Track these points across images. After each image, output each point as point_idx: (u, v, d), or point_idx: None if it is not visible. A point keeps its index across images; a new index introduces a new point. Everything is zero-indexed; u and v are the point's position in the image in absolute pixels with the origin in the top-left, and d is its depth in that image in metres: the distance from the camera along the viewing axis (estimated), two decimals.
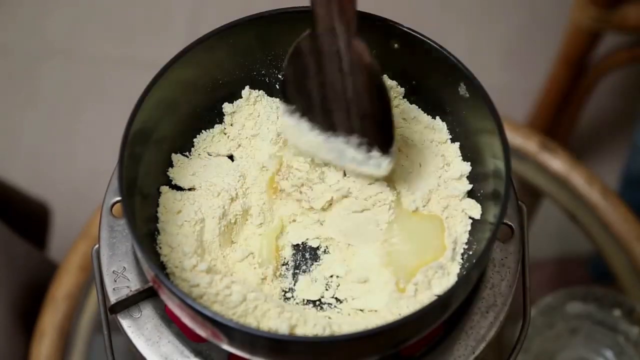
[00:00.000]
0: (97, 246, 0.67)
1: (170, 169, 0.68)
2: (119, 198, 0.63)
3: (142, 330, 0.65)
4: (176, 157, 0.69)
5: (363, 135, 0.63)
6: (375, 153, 0.64)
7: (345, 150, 0.64)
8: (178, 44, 0.80)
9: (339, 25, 0.60)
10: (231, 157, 0.70)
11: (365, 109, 0.63)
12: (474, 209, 0.65)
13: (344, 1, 0.59)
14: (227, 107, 0.70)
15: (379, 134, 0.63)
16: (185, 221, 0.65)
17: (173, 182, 0.68)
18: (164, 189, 0.67)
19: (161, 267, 0.63)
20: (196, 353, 0.65)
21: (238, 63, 0.70)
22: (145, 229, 0.64)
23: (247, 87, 0.70)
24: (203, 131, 0.70)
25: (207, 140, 0.70)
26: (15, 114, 1.68)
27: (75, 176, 1.62)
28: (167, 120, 0.67)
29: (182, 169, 0.68)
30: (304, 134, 0.65)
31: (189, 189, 0.68)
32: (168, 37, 1.74)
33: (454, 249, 0.64)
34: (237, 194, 0.67)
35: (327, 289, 0.65)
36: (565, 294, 0.96)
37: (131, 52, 1.74)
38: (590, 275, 1.23)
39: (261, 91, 0.71)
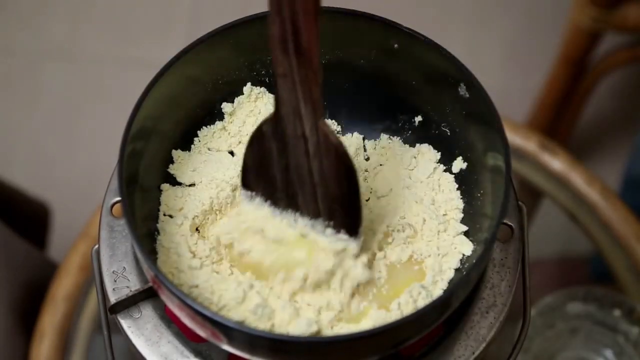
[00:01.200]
0: (97, 246, 0.67)
1: (170, 165, 0.68)
2: (119, 198, 0.64)
3: (142, 330, 0.65)
4: (176, 154, 0.69)
5: (330, 219, 0.61)
6: (343, 235, 0.61)
7: (309, 232, 0.62)
8: (178, 44, 0.80)
9: (305, 107, 0.57)
10: (232, 153, 0.70)
11: (333, 191, 0.60)
12: (466, 246, 0.65)
13: (311, 84, 0.57)
14: (226, 106, 0.70)
15: (347, 216, 0.61)
16: (185, 219, 0.65)
17: (174, 179, 0.68)
18: (165, 186, 0.67)
19: (161, 267, 0.63)
20: (196, 353, 0.65)
21: (239, 62, 0.70)
22: (145, 229, 0.64)
23: (248, 84, 0.70)
24: (204, 127, 0.70)
25: (208, 137, 0.70)
26: (15, 114, 1.68)
27: (75, 176, 1.62)
28: (168, 117, 0.67)
29: (183, 165, 0.68)
30: (267, 219, 0.62)
31: (190, 185, 0.68)
32: (168, 38, 1.74)
33: (433, 277, 0.64)
34: (237, 184, 0.67)
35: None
36: (565, 294, 0.96)
37: (131, 52, 1.74)
38: (590, 275, 1.23)
39: (262, 88, 0.71)
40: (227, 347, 0.60)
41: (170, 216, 0.66)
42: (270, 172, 0.61)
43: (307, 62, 0.56)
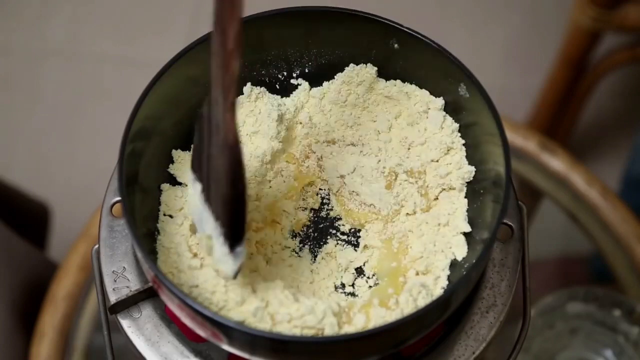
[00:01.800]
0: (97, 246, 0.67)
1: (170, 165, 0.68)
2: (119, 198, 0.63)
3: (142, 330, 0.65)
4: (176, 153, 0.69)
5: (222, 225, 0.57)
6: (225, 248, 0.58)
7: (213, 235, 0.59)
8: (178, 44, 0.80)
9: (218, 93, 0.55)
10: None
11: (224, 194, 0.56)
12: (461, 249, 0.65)
13: (223, 68, 0.54)
14: None
15: (231, 226, 0.57)
16: (185, 219, 0.65)
17: (174, 179, 0.68)
18: (165, 186, 0.67)
19: (161, 267, 0.63)
20: (196, 353, 0.65)
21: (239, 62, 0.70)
22: (145, 229, 0.64)
23: (248, 84, 0.71)
24: None
25: None
26: (15, 114, 1.68)
27: (75, 176, 1.62)
28: (168, 117, 0.67)
29: (183, 164, 0.68)
30: (195, 200, 0.60)
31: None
32: (168, 37, 1.74)
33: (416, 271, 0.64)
34: None
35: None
36: (565, 294, 0.96)
37: (131, 52, 1.74)
38: (590, 275, 1.23)
39: (262, 88, 0.71)
40: (227, 347, 0.60)
41: (170, 216, 0.66)
42: (201, 157, 0.59)
43: (224, 42, 0.54)
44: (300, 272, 0.66)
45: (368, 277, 0.66)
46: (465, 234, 0.65)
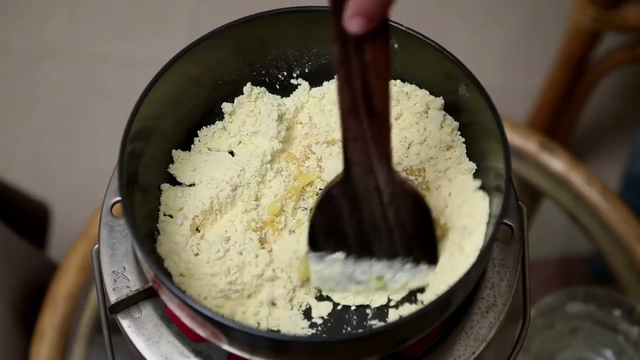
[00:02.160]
0: (97, 246, 0.67)
1: (170, 165, 0.68)
2: (119, 198, 0.63)
3: (142, 330, 0.65)
4: (176, 153, 0.69)
5: (408, 255, 0.64)
6: (423, 266, 0.64)
7: (386, 273, 0.64)
8: (178, 44, 0.80)
9: (379, 164, 0.60)
10: (232, 153, 0.70)
11: (409, 230, 0.63)
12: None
13: (384, 140, 0.59)
14: (226, 106, 0.70)
15: (425, 248, 0.64)
16: (185, 219, 0.65)
17: (174, 179, 0.68)
18: (165, 186, 0.67)
19: (161, 266, 0.63)
20: (196, 353, 0.65)
21: (239, 62, 0.70)
22: (145, 229, 0.64)
23: (248, 84, 0.70)
24: (204, 127, 0.70)
25: (208, 136, 0.70)
26: (15, 114, 1.68)
27: (75, 176, 1.62)
28: (168, 117, 0.67)
29: (183, 164, 0.68)
30: (334, 269, 0.64)
31: (190, 185, 0.68)
32: (168, 37, 1.74)
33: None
34: (237, 184, 0.67)
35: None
36: (565, 294, 0.96)
37: (131, 52, 1.74)
38: (590, 275, 1.23)
39: (263, 88, 0.71)
40: (227, 347, 0.60)
41: (170, 216, 0.66)
42: (343, 229, 0.63)
43: (380, 122, 0.58)
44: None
45: None
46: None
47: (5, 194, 1.15)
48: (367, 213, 0.62)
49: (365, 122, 0.58)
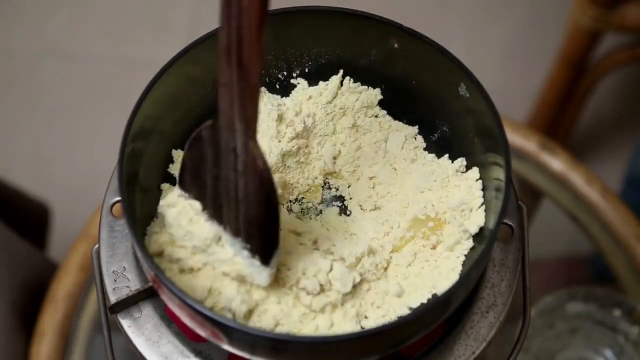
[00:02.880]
0: (97, 246, 0.67)
1: (171, 165, 0.68)
2: (119, 198, 0.63)
3: (142, 330, 0.65)
4: (177, 153, 0.69)
5: (247, 241, 0.60)
6: (256, 262, 0.60)
7: (231, 247, 0.62)
8: (178, 44, 0.80)
9: (239, 123, 0.57)
10: None
11: (252, 214, 0.60)
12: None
13: (246, 100, 0.56)
14: None
15: (262, 243, 0.60)
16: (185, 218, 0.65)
17: (174, 179, 0.68)
18: (165, 186, 0.67)
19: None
20: (196, 353, 0.65)
21: None
22: (145, 229, 0.64)
23: None
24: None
25: None
26: (15, 114, 1.68)
27: (75, 176, 1.62)
28: (168, 117, 0.67)
29: None
30: (195, 219, 0.62)
31: None
32: (168, 37, 1.74)
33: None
34: None
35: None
36: (565, 294, 0.96)
37: (131, 52, 1.74)
38: (590, 275, 1.23)
39: (262, 87, 0.71)
40: (227, 347, 0.60)
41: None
42: (203, 177, 0.61)
43: (246, 76, 0.55)
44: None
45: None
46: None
47: (5, 194, 1.15)
48: (224, 172, 0.60)
49: (235, 71, 0.56)
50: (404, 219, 0.67)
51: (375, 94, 0.71)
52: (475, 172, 0.67)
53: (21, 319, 1.00)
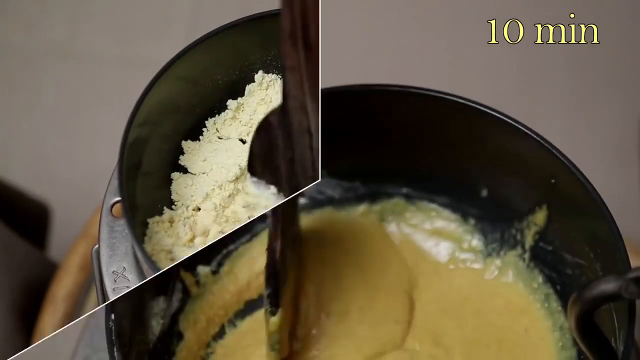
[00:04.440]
0: (97, 246, 0.67)
1: (181, 156, 0.68)
2: (119, 198, 0.63)
3: None
4: (186, 144, 0.68)
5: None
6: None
7: None
8: (178, 44, 0.79)
9: (311, 104, 0.58)
10: (242, 141, 0.70)
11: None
12: None
13: (316, 80, 0.58)
14: (231, 103, 0.70)
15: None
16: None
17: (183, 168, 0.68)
18: (176, 175, 0.67)
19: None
20: None
21: (238, 62, 0.70)
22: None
23: (260, 72, 0.70)
24: (215, 116, 0.70)
25: (219, 124, 0.70)
26: (15, 114, 1.67)
27: (75, 176, 1.61)
28: (168, 117, 0.67)
29: (193, 155, 0.68)
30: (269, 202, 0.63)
31: (203, 173, 0.68)
32: (168, 37, 1.74)
33: None
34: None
35: None
36: None
37: (131, 52, 1.73)
38: None
39: (274, 75, 0.71)
40: None
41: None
42: (276, 161, 0.62)
43: (313, 57, 0.56)
44: None
45: None
46: None
47: (5, 194, 1.15)
48: (298, 153, 0.61)
49: (302, 53, 0.57)
50: None
51: None
52: None
53: (21, 319, 1.00)
